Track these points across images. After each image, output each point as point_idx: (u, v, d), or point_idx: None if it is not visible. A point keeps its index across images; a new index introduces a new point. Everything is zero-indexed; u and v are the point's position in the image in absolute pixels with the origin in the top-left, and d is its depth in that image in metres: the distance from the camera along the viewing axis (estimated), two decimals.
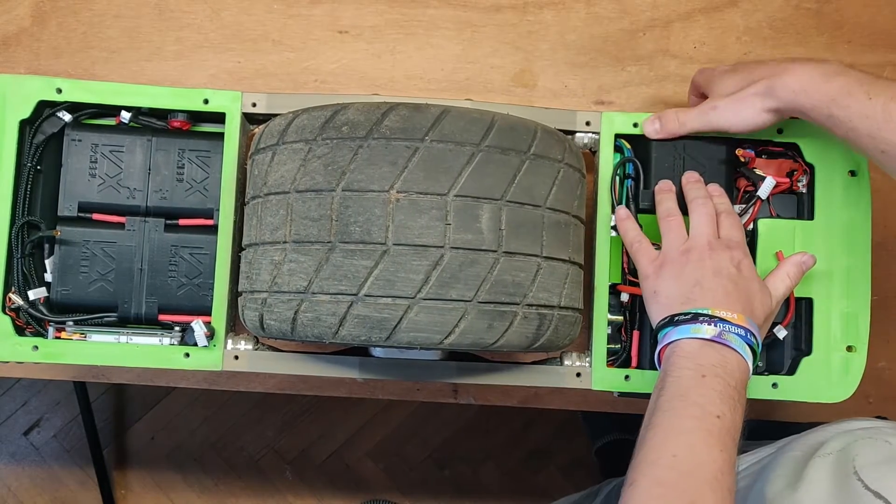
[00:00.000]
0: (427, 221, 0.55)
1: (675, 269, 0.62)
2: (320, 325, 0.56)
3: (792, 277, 0.64)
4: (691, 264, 0.61)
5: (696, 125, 0.67)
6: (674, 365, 0.57)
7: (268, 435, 1.54)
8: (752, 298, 0.61)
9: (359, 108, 0.57)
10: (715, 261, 0.61)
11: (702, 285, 0.60)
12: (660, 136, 0.68)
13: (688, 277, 0.61)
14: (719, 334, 0.57)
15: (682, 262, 0.62)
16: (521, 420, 1.52)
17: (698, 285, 0.60)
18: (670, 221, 0.64)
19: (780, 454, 0.63)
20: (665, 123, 0.68)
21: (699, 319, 0.58)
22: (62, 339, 0.67)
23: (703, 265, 0.61)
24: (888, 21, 0.82)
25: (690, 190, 0.66)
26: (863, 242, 0.68)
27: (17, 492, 1.54)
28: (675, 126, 0.67)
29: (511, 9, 0.82)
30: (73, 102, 0.68)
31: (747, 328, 0.58)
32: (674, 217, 0.65)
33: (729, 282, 0.60)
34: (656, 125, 0.68)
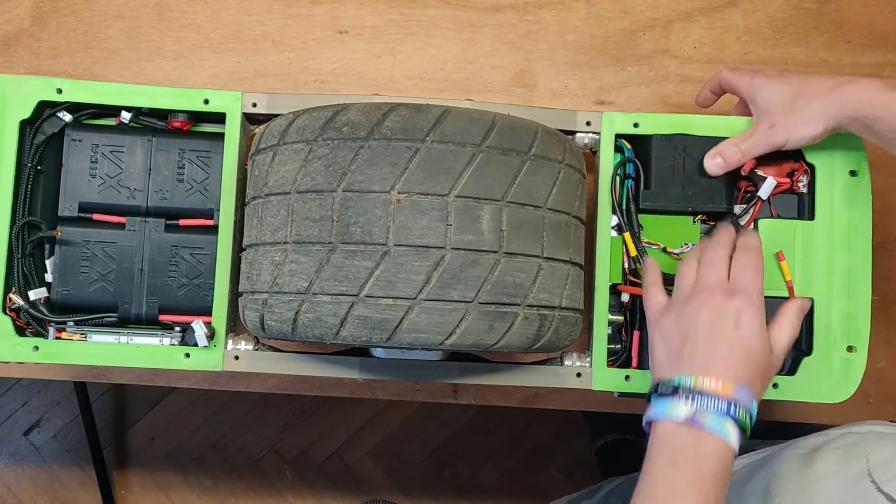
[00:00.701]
0: (428, 222, 0.55)
1: (671, 318, 0.59)
2: (321, 326, 0.56)
3: (795, 325, 0.60)
4: (688, 313, 0.58)
5: (760, 150, 0.66)
6: (650, 448, 0.55)
7: (268, 435, 1.54)
8: (748, 358, 0.56)
9: (359, 109, 0.57)
10: (713, 310, 0.57)
11: (693, 342, 0.56)
12: (725, 171, 0.67)
13: (681, 330, 0.58)
14: (694, 415, 0.54)
15: (679, 311, 0.58)
16: (521, 420, 1.52)
17: (690, 342, 0.57)
18: (680, 267, 0.62)
19: (783, 449, 0.63)
20: (728, 157, 0.67)
21: (678, 393, 0.55)
22: (62, 340, 0.67)
23: (699, 315, 0.57)
24: (888, 21, 0.82)
25: (714, 234, 0.63)
26: (863, 242, 0.68)
27: (17, 492, 1.54)
28: (738, 158, 0.66)
29: (511, 9, 0.82)
30: (73, 102, 0.68)
31: (733, 399, 0.54)
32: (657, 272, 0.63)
33: (723, 340, 0.56)
34: (719, 160, 0.67)
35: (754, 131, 0.66)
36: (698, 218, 0.69)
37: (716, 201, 0.68)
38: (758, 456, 0.68)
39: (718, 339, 0.56)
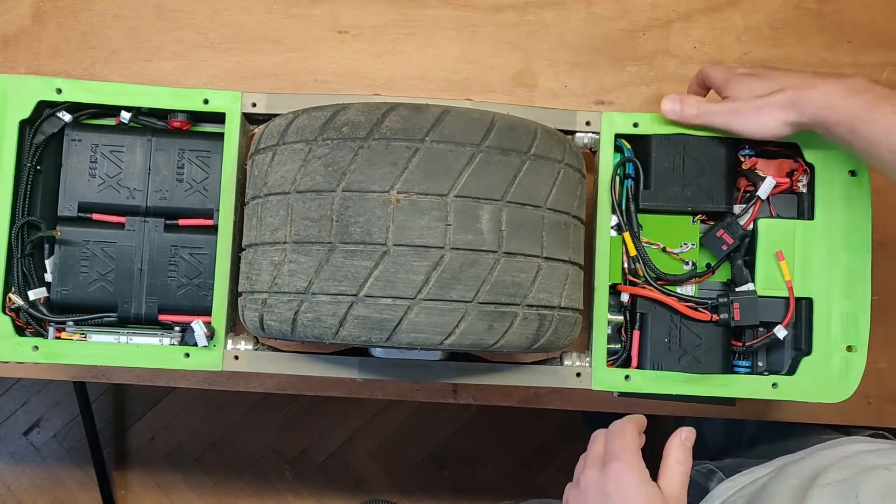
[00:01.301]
0: (427, 222, 0.55)
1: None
2: (320, 326, 0.56)
3: (683, 462, 0.57)
4: (579, 499, 0.58)
5: (716, 121, 0.66)
6: None
7: (268, 435, 1.54)
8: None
9: (359, 109, 0.57)
10: (593, 487, 0.57)
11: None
12: (675, 118, 0.67)
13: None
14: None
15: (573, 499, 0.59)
16: (521, 420, 1.52)
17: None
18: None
19: (776, 481, 0.61)
20: (685, 107, 0.67)
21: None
22: (62, 340, 0.67)
23: (585, 499, 0.57)
24: (888, 21, 0.82)
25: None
26: (863, 242, 0.68)
27: (17, 492, 1.54)
28: (693, 113, 0.67)
29: (511, 9, 0.82)
30: (73, 102, 0.68)
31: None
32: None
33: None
34: (676, 106, 0.67)
35: (722, 107, 0.66)
36: (698, 218, 0.69)
37: (715, 201, 0.68)
38: (747, 480, 0.68)
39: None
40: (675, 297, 0.68)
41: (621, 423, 0.59)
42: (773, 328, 0.67)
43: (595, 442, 0.59)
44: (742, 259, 0.69)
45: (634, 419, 0.59)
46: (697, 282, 0.70)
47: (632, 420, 0.59)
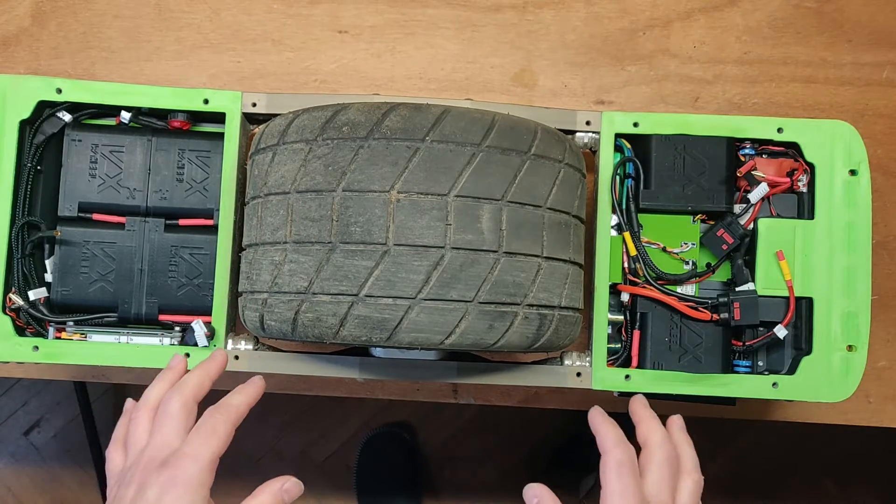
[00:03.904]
0: (428, 222, 0.55)
1: (111, 497, 0.50)
2: (321, 326, 0.56)
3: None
4: (120, 492, 0.49)
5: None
6: None
7: (268, 435, 1.54)
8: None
9: (359, 109, 0.57)
10: (139, 488, 0.48)
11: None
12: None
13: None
14: None
15: (116, 489, 0.50)
16: (521, 420, 1.52)
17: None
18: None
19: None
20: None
21: None
22: (62, 340, 0.67)
23: (125, 495, 0.48)
24: (889, 20, 0.82)
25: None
26: (863, 242, 0.68)
27: (17, 492, 1.54)
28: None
29: (511, 8, 0.82)
30: (73, 102, 0.68)
31: None
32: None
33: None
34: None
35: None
36: (698, 217, 0.69)
37: (715, 200, 0.68)
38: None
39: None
40: (675, 297, 0.68)
41: (214, 415, 0.50)
42: (773, 328, 0.67)
43: (145, 406, 0.52)
44: (742, 259, 0.69)
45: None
46: (697, 281, 0.70)
47: (224, 411, 0.51)
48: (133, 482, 0.49)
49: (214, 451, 0.49)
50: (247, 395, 0.54)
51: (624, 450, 0.52)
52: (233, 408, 0.52)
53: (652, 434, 0.55)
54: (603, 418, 0.54)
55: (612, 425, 0.54)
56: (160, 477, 0.47)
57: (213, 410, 0.51)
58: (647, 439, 0.55)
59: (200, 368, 0.55)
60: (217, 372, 0.55)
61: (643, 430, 0.56)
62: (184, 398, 0.52)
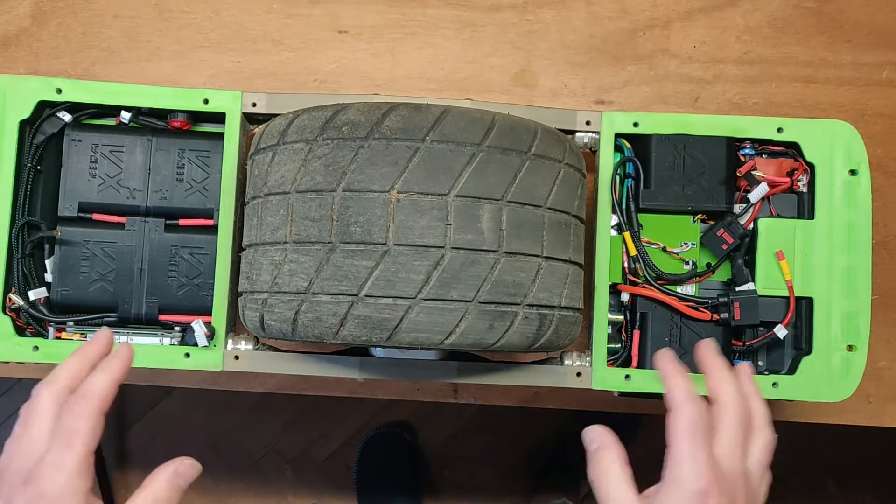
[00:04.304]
0: (428, 222, 0.55)
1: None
2: (321, 326, 0.56)
3: None
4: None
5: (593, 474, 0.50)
6: None
7: (268, 435, 1.54)
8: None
9: (359, 109, 0.57)
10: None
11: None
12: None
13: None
14: None
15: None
16: (521, 420, 1.52)
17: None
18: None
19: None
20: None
21: None
22: (63, 340, 0.67)
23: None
24: (888, 20, 0.82)
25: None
26: (863, 241, 0.68)
27: None
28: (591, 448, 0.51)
29: (511, 8, 0.82)
30: (73, 102, 0.68)
31: None
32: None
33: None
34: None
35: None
36: (698, 217, 0.69)
37: (715, 200, 0.68)
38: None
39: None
40: (675, 297, 0.68)
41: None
42: (773, 328, 0.67)
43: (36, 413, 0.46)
44: (742, 258, 0.69)
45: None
46: (697, 281, 0.70)
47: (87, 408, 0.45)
48: (0, 499, 0.44)
49: (80, 454, 0.44)
50: (110, 374, 0.47)
51: (696, 406, 0.47)
52: (94, 395, 0.46)
53: (723, 387, 0.49)
54: (673, 366, 0.49)
55: (684, 376, 0.48)
56: (26, 494, 0.43)
57: (70, 403, 0.46)
58: (718, 394, 0.49)
59: (102, 370, 0.48)
60: (122, 370, 0.49)
61: (713, 382, 0.50)
62: (55, 391, 0.46)
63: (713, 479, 0.44)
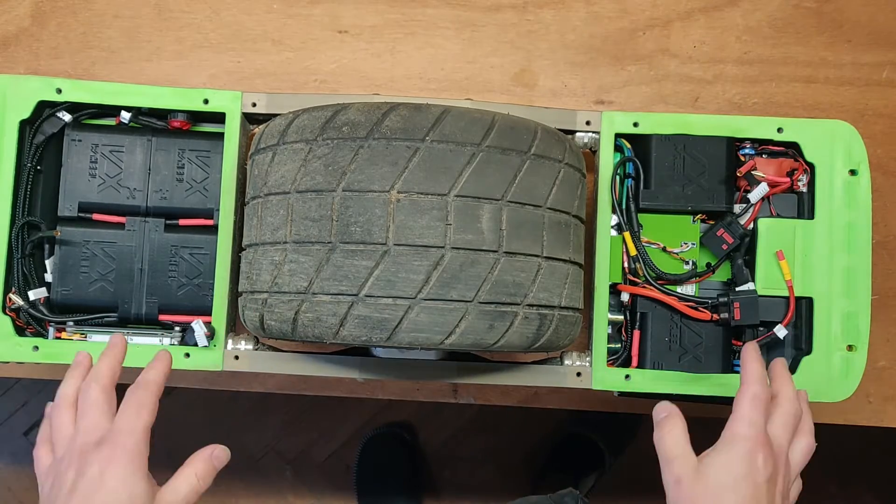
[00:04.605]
0: (428, 221, 0.55)
1: (46, 489, 0.51)
2: (321, 326, 0.56)
3: (200, 476, 0.55)
4: (58, 480, 0.50)
5: (659, 439, 0.57)
6: None
7: (268, 435, 1.54)
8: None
9: (359, 109, 0.57)
10: (77, 470, 0.49)
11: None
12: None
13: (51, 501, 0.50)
14: None
15: (54, 477, 0.50)
16: (521, 420, 1.52)
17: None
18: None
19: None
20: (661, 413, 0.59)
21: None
22: (63, 340, 0.67)
23: (77, 481, 0.49)
24: (888, 20, 0.82)
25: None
26: (863, 241, 0.68)
27: (17, 492, 1.54)
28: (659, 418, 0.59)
29: (511, 8, 0.82)
30: (73, 102, 0.68)
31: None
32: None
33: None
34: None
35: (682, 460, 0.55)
36: (698, 217, 0.69)
37: (715, 200, 0.68)
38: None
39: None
40: (675, 297, 0.68)
41: (142, 391, 0.53)
42: (773, 327, 0.67)
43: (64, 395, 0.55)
44: (742, 258, 0.69)
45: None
46: (697, 281, 0.70)
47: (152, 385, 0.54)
48: (70, 468, 0.50)
49: (146, 422, 0.52)
50: (159, 370, 0.56)
51: (763, 387, 0.55)
52: (152, 383, 0.55)
53: (785, 388, 0.58)
54: (756, 355, 0.58)
55: (761, 363, 0.57)
56: (99, 454, 0.49)
57: (134, 388, 0.54)
58: (780, 392, 0.58)
59: (107, 357, 0.56)
60: (121, 355, 0.57)
61: (778, 384, 0.58)
62: (101, 384, 0.54)
63: (765, 441, 0.53)
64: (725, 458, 0.53)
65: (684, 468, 0.53)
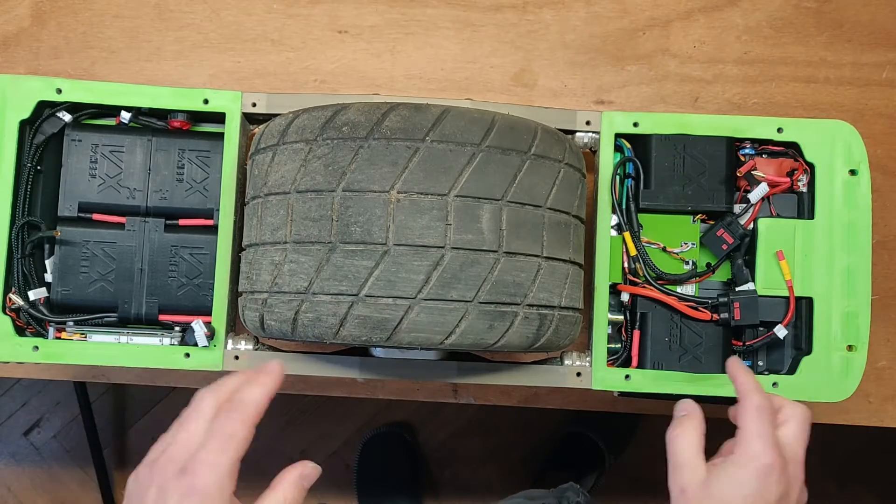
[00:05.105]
0: (428, 222, 0.55)
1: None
2: (321, 326, 0.56)
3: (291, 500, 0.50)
4: (140, 491, 0.47)
5: (671, 449, 0.55)
6: None
7: (268, 435, 1.54)
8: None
9: (359, 109, 0.57)
10: (160, 490, 0.46)
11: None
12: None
13: None
14: None
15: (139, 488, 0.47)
16: (521, 420, 1.52)
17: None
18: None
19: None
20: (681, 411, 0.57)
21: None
22: (62, 340, 0.67)
23: (144, 495, 0.47)
24: (888, 20, 0.82)
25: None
26: (863, 241, 0.68)
27: (17, 492, 1.54)
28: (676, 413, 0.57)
29: (511, 8, 0.82)
30: (73, 102, 0.68)
31: None
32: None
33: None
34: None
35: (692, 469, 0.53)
36: (698, 217, 0.69)
37: (715, 200, 0.68)
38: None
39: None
40: (675, 297, 0.68)
41: (231, 417, 0.47)
42: (773, 328, 0.67)
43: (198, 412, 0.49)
44: (742, 258, 0.69)
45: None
46: (697, 281, 0.70)
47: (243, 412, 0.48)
48: (153, 484, 0.47)
49: (233, 458, 0.47)
50: (264, 387, 0.49)
51: (763, 396, 0.53)
52: (250, 406, 0.48)
53: (792, 402, 0.55)
54: (741, 365, 0.56)
55: (750, 373, 0.55)
56: (179, 483, 0.46)
57: (227, 411, 0.48)
58: (786, 403, 0.55)
59: (261, 386, 0.50)
60: (276, 387, 0.51)
61: (780, 400, 0.56)
62: (244, 416, 0.48)
63: (777, 457, 0.50)
64: (735, 476, 0.50)
65: (692, 479, 0.51)
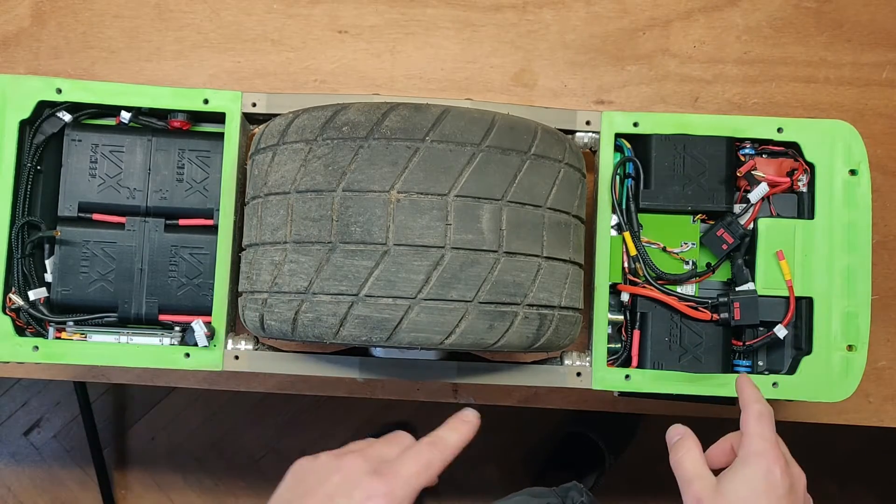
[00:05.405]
0: (428, 221, 0.55)
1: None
2: (321, 326, 0.56)
3: None
4: (318, 470, 0.49)
5: (676, 464, 0.57)
6: None
7: (268, 435, 1.54)
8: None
9: (359, 109, 0.57)
10: (344, 479, 0.47)
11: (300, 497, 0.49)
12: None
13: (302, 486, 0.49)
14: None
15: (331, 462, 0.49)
16: (521, 420, 1.52)
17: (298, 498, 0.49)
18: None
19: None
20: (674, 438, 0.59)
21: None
22: (62, 340, 0.67)
23: (326, 478, 0.48)
24: (888, 20, 0.82)
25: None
26: (863, 241, 0.68)
27: (17, 492, 1.54)
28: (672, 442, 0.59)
29: (511, 8, 0.82)
30: (73, 102, 0.68)
31: None
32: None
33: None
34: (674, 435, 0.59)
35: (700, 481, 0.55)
36: (698, 217, 0.69)
37: (715, 200, 0.68)
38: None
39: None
40: (675, 297, 0.68)
41: (429, 450, 0.49)
42: (773, 327, 0.67)
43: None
44: (742, 258, 0.69)
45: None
46: (697, 281, 0.70)
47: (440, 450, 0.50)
48: (339, 472, 0.48)
49: (422, 484, 0.48)
50: (462, 434, 0.52)
51: (764, 404, 0.56)
52: (449, 448, 0.50)
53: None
54: (749, 380, 0.59)
55: (755, 387, 0.59)
56: (370, 482, 0.47)
57: (430, 444, 0.50)
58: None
59: (460, 433, 0.52)
60: (471, 436, 0.53)
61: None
62: (445, 456, 0.50)
63: (779, 454, 0.54)
64: (743, 474, 0.53)
65: (705, 488, 0.54)
